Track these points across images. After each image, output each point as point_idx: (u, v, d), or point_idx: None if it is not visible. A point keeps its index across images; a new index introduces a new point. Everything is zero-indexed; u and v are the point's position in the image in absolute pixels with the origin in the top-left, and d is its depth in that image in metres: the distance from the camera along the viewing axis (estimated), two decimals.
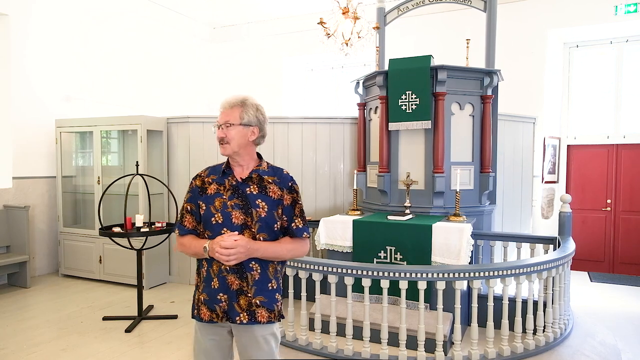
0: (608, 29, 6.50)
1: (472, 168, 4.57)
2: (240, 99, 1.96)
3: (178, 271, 5.81)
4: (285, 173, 2.00)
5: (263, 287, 1.91)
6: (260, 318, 1.89)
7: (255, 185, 1.93)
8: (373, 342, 3.32)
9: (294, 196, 1.96)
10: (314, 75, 9.03)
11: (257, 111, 1.96)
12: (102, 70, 6.90)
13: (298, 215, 1.97)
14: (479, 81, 4.53)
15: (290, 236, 1.97)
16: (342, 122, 5.73)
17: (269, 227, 1.91)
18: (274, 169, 2.01)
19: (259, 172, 1.96)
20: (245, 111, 1.93)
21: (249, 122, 1.93)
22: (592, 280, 6.21)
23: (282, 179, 1.97)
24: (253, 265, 1.89)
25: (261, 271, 1.91)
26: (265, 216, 1.89)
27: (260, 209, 1.89)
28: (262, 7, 7.99)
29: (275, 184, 1.94)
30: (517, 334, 3.30)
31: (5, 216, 5.54)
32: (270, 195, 1.92)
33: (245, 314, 1.88)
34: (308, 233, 2.01)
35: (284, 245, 1.93)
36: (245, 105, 1.94)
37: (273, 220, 1.92)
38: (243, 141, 1.93)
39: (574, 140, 7.05)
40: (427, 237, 3.82)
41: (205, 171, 2.04)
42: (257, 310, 1.89)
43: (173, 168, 5.79)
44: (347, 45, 4.74)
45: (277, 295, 1.97)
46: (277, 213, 1.93)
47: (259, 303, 1.89)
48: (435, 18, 7.10)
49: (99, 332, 4.10)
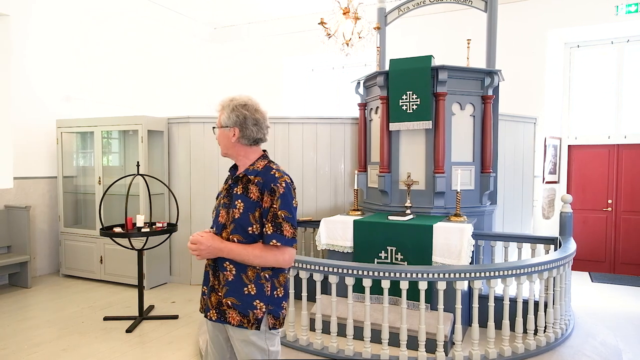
0: (609, 29, 6.50)
1: (473, 168, 4.56)
2: (224, 101, 1.96)
3: (179, 271, 5.82)
4: (271, 173, 1.88)
5: (236, 289, 1.86)
6: (231, 320, 1.86)
7: (242, 185, 1.91)
8: (374, 342, 3.32)
9: (272, 198, 1.82)
10: (315, 76, 9.03)
11: (234, 111, 1.91)
12: (103, 70, 6.91)
13: (270, 220, 1.82)
14: (480, 81, 4.53)
15: (263, 242, 1.85)
16: (343, 123, 5.73)
17: (243, 229, 1.85)
18: (266, 169, 1.92)
19: (247, 172, 1.92)
20: (222, 113, 1.94)
21: (227, 124, 1.93)
22: (593, 281, 6.21)
23: (266, 179, 1.86)
24: (227, 265, 1.88)
25: (235, 273, 1.87)
26: (239, 217, 1.85)
27: (236, 210, 1.86)
28: (263, 7, 7.98)
29: (257, 184, 1.86)
30: (518, 334, 3.30)
31: (6, 216, 5.55)
32: (250, 196, 1.86)
33: (214, 311, 1.90)
34: (281, 241, 1.82)
35: (250, 250, 1.82)
36: (224, 107, 1.95)
37: (247, 223, 1.84)
38: (227, 142, 1.96)
39: (575, 140, 7.05)
40: (427, 238, 3.82)
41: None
42: (227, 311, 1.87)
43: (174, 168, 5.79)
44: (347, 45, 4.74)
45: (257, 302, 1.85)
46: (254, 216, 1.84)
47: (230, 304, 1.86)
48: (437, 18, 7.10)
49: (100, 332, 4.11)
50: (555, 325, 3.55)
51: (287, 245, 1.84)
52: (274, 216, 1.82)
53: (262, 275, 1.87)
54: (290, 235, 1.85)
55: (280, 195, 1.83)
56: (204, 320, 4.15)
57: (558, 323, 3.58)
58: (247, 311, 1.85)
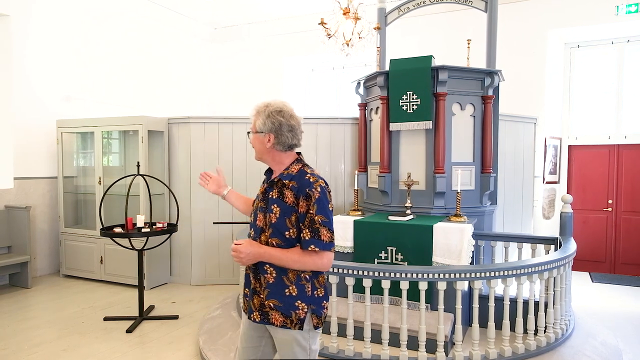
0: (609, 29, 6.50)
1: (473, 168, 4.56)
2: (259, 106, 1.97)
3: (179, 271, 5.82)
4: (306, 178, 1.88)
5: (277, 291, 1.90)
6: (274, 320, 1.91)
7: (277, 189, 1.93)
8: (374, 342, 3.32)
9: (307, 203, 1.84)
10: (315, 76, 9.03)
11: (270, 117, 1.92)
12: (103, 71, 6.91)
13: (307, 225, 1.84)
14: (480, 81, 4.53)
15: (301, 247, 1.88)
16: (343, 123, 5.73)
17: (280, 233, 1.88)
18: (301, 173, 1.92)
19: (282, 177, 1.93)
20: (257, 119, 1.95)
21: (262, 130, 1.94)
22: (594, 281, 6.21)
23: (301, 184, 1.87)
24: (267, 268, 1.92)
25: (276, 275, 1.91)
26: (276, 222, 1.88)
27: (272, 215, 1.89)
28: (263, 7, 7.98)
29: (292, 189, 1.88)
30: (518, 334, 3.30)
31: (7, 216, 5.55)
32: (285, 201, 1.89)
33: (257, 313, 1.95)
34: (319, 246, 1.83)
35: (289, 254, 1.86)
36: (259, 112, 1.95)
37: (284, 227, 1.87)
38: (262, 148, 1.97)
39: (575, 140, 7.05)
40: (428, 238, 3.82)
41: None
42: (270, 313, 1.91)
43: (174, 168, 5.79)
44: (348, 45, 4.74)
45: (299, 303, 1.89)
46: (291, 220, 1.87)
47: (272, 306, 1.90)
48: (437, 18, 7.09)
49: (100, 333, 4.11)
50: (556, 325, 3.55)
51: (325, 250, 1.86)
52: (311, 221, 1.84)
53: (302, 277, 1.91)
54: (327, 239, 1.86)
55: (316, 200, 1.84)
56: (204, 320, 4.16)
57: (558, 323, 3.58)
58: (290, 312, 1.89)
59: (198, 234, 5.68)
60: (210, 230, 5.66)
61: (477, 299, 3.20)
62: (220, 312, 4.37)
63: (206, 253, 5.70)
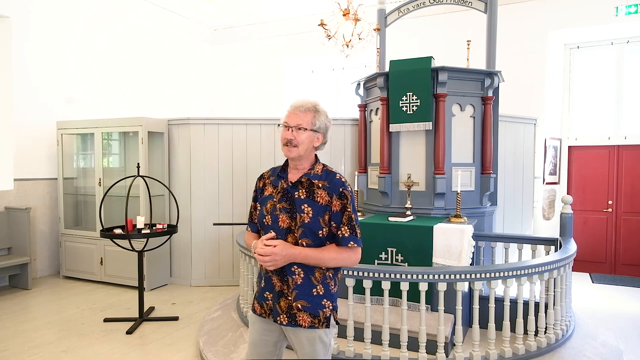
0: (609, 30, 6.50)
1: (473, 169, 4.56)
2: (313, 103, 1.96)
3: (179, 273, 5.81)
4: (337, 178, 1.93)
5: (306, 292, 1.89)
6: (302, 322, 1.89)
7: (304, 189, 1.91)
8: (374, 343, 3.31)
9: (343, 202, 1.89)
10: (315, 77, 9.04)
11: (327, 118, 1.97)
12: (103, 72, 6.92)
13: (345, 223, 1.88)
14: (480, 82, 4.53)
15: (337, 244, 1.91)
16: (343, 124, 5.73)
17: (313, 233, 1.87)
18: (327, 172, 1.95)
19: (309, 176, 1.93)
20: (317, 117, 1.94)
21: (319, 129, 1.94)
22: (594, 282, 6.20)
23: (333, 184, 1.91)
24: (295, 269, 1.89)
25: (304, 276, 1.89)
26: (309, 222, 1.86)
27: (304, 215, 1.87)
28: (263, 8, 7.99)
29: (325, 189, 1.90)
30: (518, 335, 3.30)
31: (7, 218, 5.55)
32: (318, 201, 1.88)
33: (284, 316, 1.90)
34: (357, 242, 1.91)
35: (327, 253, 1.87)
36: (318, 111, 1.95)
37: (318, 227, 1.87)
38: (310, 146, 1.94)
39: (575, 141, 7.05)
40: (428, 239, 3.82)
41: (268, 172, 2.09)
42: (298, 314, 1.89)
43: (174, 169, 5.79)
44: (347, 46, 4.74)
45: (325, 301, 1.92)
46: (324, 219, 1.88)
47: (301, 307, 1.89)
48: (437, 19, 7.10)
49: (100, 334, 4.11)
50: (556, 326, 3.55)
51: (360, 246, 1.94)
52: (349, 219, 1.89)
53: (327, 275, 1.94)
54: (360, 236, 1.94)
55: (350, 199, 1.91)
56: (204, 322, 4.16)
57: (559, 324, 3.58)
58: (318, 311, 1.90)
59: (198, 235, 5.67)
60: (210, 231, 5.66)
61: (477, 300, 3.20)
62: (220, 313, 4.36)
63: (206, 254, 5.69)
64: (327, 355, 1.96)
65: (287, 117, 1.94)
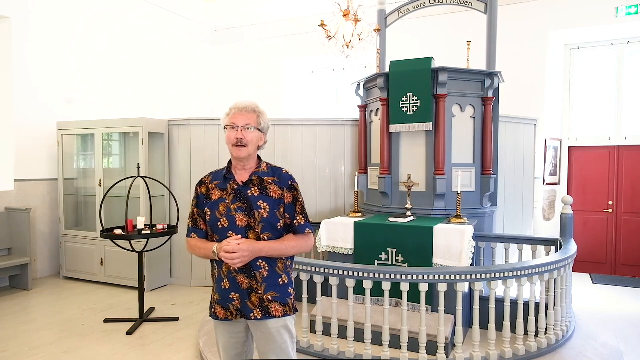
0: (609, 31, 6.50)
1: (474, 170, 4.56)
2: (255, 104, 2.04)
3: (179, 273, 5.81)
4: (284, 172, 2.07)
5: (273, 283, 1.98)
6: (275, 312, 1.97)
7: (256, 187, 2.00)
8: (374, 344, 3.32)
9: (294, 194, 2.03)
10: (315, 77, 9.04)
11: (268, 119, 2.06)
12: (104, 72, 6.92)
13: (299, 212, 2.04)
14: (480, 83, 4.53)
15: (294, 233, 2.04)
16: (343, 124, 5.73)
17: (272, 226, 1.97)
18: (273, 169, 2.07)
19: (259, 174, 2.02)
20: (262, 117, 2.02)
21: (263, 129, 2.04)
22: (594, 282, 6.20)
23: (282, 178, 2.04)
24: (260, 263, 1.96)
25: (269, 268, 1.98)
26: (268, 216, 1.96)
27: (262, 210, 1.96)
28: (264, 9, 8.00)
29: (275, 184, 2.01)
30: (519, 336, 3.30)
31: (7, 218, 5.55)
32: (272, 195, 1.99)
33: (258, 310, 1.96)
34: (311, 229, 2.07)
35: (287, 242, 1.99)
36: (260, 111, 2.03)
37: (276, 219, 1.97)
38: (256, 145, 2.03)
39: (575, 141, 7.05)
40: (428, 239, 3.82)
41: (209, 177, 2.11)
42: (270, 306, 1.97)
43: (174, 170, 5.79)
44: (348, 47, 4.74)
45: (290, 289, 2.05)
46: (279, 212, 1.99)
47: (271, 298, 1.97)
48: (437, 20, 7.10)
49: (100, 335, 4.11)
50: (556, 327, 3.55)
51: (312, 231, 2.09)
52: (302, 208, 2.06)
53: (287, 264, 2.07)
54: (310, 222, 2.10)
55: (299, 190, 2.06)
56: (204, 322, 4.16)
57: (559, 325, 3.58)
58: (286, 300, 2.01)
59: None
60: None
61: (477, 300, 3.20)
62: None
63: None
64: (294, 344, 2.06)
65: (234, 118, 1.98)
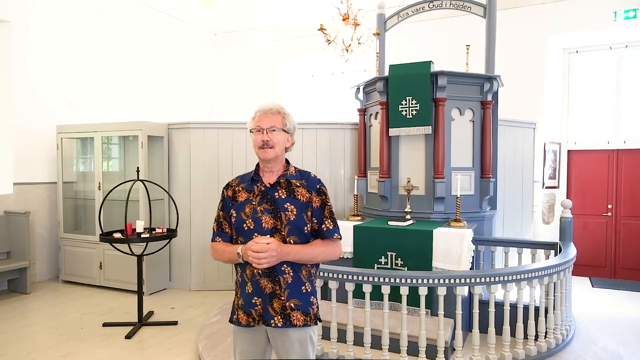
0: (607, 35, 6.52)
1: (473, 173, 4.57)
2: (280, 105, 2.03)
3: (178, 277, 5.80)
4: (312, 176, 2.04)
5: (296, 290, 1.92)
6: (296, 321, 1.91)
7: (284, 189, 1.97)
8: (374, 348, 3.31)
9: (322, 198, 1.99)
10: (314, 81, 9.06)
11: (293, 119, 2.05)
12: (103, 76, 6.93)
13: (328, 216, 1.99)
14: (479, 87, 4.54)
15: (322, 238, 1.99)
16: (343, 128, 5.74)
17: (299, 230, 1.92)
18: (301, 172, 2.04)
19: (287, 177, 1.99)
20: (287, 118, 2.00)
21: (289, 129, 2.01)
22: (594, 286, 6.19)
23: (310, 181, 2.01)
24: (285, 268, 1.90)
25: (294, 274, 1.92)
26: (295, 219, 1.91)
27: (289, 213, 1.92)
28: (263, 13, 8.03)
29: (304, 187, 1.98)
30: (518, 340, 3.29)
31: (6, 222, 5.54)
32: (299, 199, 1.95)
33: (279, 317, 1.90)
34: (339, 234, 2.01)
35: (315, 248, 1.94)
36: (286, 113, 2.01)
37: (303, 223, 1.93)
38: (283, 147, 2.00)
39: (574, 145, 7.06)
40: (427, 243, 3.82)
41: (235, 180, 2.09)
42: (291, 314, 1.90)
43: (174, 174, 5.79)
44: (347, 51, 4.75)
45: (312, 298, 1.98)
46: (307, 216, 1.95)
47: (294, 306, 1.91)
48: (436, 24, 7.12)
49: (99, 339, 4.09)
50: (556, 330, 3.55)
51: (341, 238, 2.04)
52: (331, 212, 2.01)
53: (312, 272, 2.01)
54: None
55: (327, 195, 2.03)
56: (203, 326, 4.15)
57: (559, 328, 3.58)
58: (308, 309, 1.94)
59: (197, 239, 5.67)
60: (209, 235, 5.61)
61: (477, 304, 3.19)
62: (219, 317, 4.35)
63: (205, 258, 5.68)
64: (314, 355, 2.01)
65: (259, 121, 1.97)
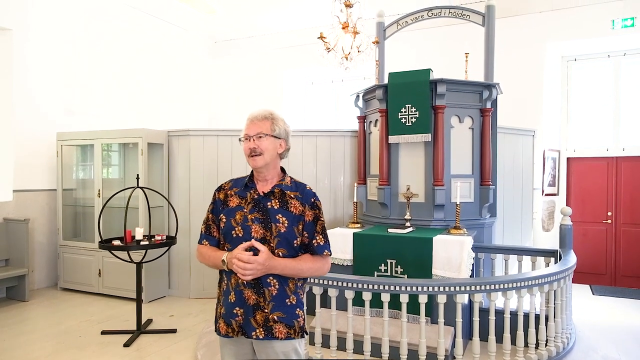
0: (606, 43, 6.57)
1: (472, 181, 4.57)
2: (269, 111, 1.98)
3: (178, 285, 5.78)
4: (308, 189, 1.98)
5: (281, 303, 1.87)
6: (278, 334, 1.85)
7: (277, 199, 1.92)
8: (374, 356, 3.30)
9: (316, 212, 1.94)
10: (314, 89, 9.09)
11: (285, 124, 1.98)
12: (104, 83, 6.95)
13: (320, 232, 1.94)
14: (478, 94, 4.56)
15: (311, 253, 1.94)
16: (342, 135, 5.75)
17: (288, 242, 1.87)
18: (296, 184, 1.99)
19: (282, 187, 1.94)
20: (275, 123, 1.95)
21: (279, 134, 1.95)
22: (594, 294, 6.18)
23: (305, 194, 1.95)
24: (271, 280, 1.85)
25: (279, 287, 1.87)
26: (285, 231, 1.86)
27: (280, 224, 1.87)
28: (263, 21, 8.07)
29: (297, 199, 1.92)
30: (519, 348, 3.28)
31: (5, 229, 5.53)
32: (292, 211, 1.90)
33: (261, 329, 1.85)
34: (329, 251, 1.97)
35: (303, 262, 1.89)
36: (274, 117, 1.96)
37: (293, 236, 1.88)
38: (274, 153, 1.95)
39: (574, 152, 7.07)
40: (427, 250, 3.81)
41: (229, 183, 2.05)
42: (274, 326, 1.85)
43: (173, 181, 5.80)
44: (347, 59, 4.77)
45: (298, 310, 1.92)
46: (298, 229, 1.89)
47: (277, 319, 1.86)
48: (435, 32, 7.17)
49: (97, 347, 4.07)
50: (557, 339, 3.53)
51: (331, 254, 2.00)
52: (323, 228, 1.96)
53: (299, 285, 1.95)
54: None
55: (321, 210, 1.97)
56: (202, 334, 4.13)
57: (559, 337, 3.56)
58: (292, 321, 1.89)
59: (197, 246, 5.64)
60: None
61: (477, 312, 3.18)
62: None
63: (205, 266, 5.64)
64: None
65: (246, 129, 1.95)
